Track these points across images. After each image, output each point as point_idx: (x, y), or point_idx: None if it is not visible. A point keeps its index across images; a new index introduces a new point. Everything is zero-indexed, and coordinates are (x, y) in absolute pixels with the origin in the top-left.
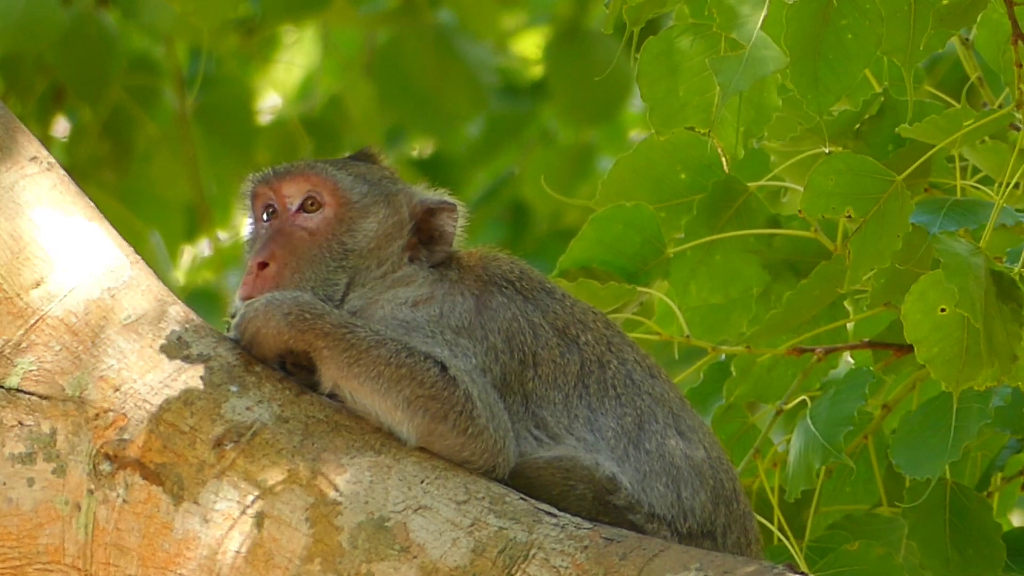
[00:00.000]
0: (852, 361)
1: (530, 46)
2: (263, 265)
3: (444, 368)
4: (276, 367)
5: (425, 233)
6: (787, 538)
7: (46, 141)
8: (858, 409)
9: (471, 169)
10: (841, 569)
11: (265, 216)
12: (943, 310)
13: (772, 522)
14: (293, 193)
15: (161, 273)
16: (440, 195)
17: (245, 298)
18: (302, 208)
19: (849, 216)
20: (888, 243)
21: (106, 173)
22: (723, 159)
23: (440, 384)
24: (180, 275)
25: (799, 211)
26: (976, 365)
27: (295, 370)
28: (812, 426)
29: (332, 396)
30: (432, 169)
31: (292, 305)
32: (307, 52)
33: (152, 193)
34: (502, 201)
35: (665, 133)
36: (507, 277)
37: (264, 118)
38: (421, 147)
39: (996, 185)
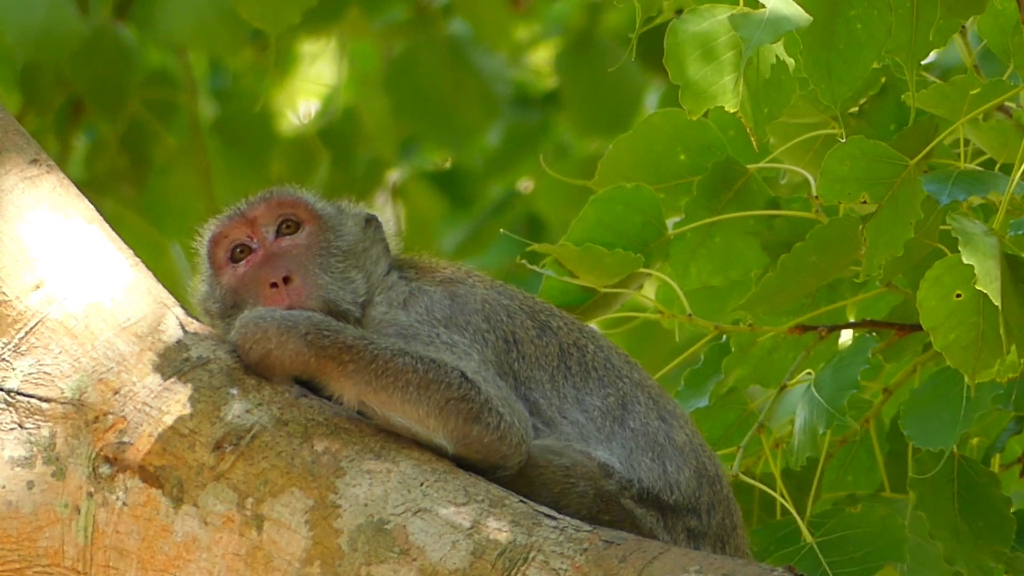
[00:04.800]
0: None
1: (544, 57)
2: (287, 280)
3: (462, 371)
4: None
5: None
6: (789, 504)
7: (65, 155)
8: (858, 394)
9: (486, 181)
10: (845, 532)
11: (233, 259)
12: (959, 295)
13: (775, 502)
14: (268, 221)
15: (182, 286)
16: (363, 208)
17: None
18: (281, 233)
19: (864, 201)
20: (901, 230)
21: (125, 187)
22: (752, 140)
23: (467, 385)
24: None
25: (815, 196)
26: (993, 351)
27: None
28: (816, 394)
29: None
30: (448, 181)
31: (309, 324)
32: (323, 65)
33: (172, 206)
34: (516, 214)
35: (697, 113)
36: (457, 274)
37: (295, 123)
38: (438, 159)
39: (998, 167)
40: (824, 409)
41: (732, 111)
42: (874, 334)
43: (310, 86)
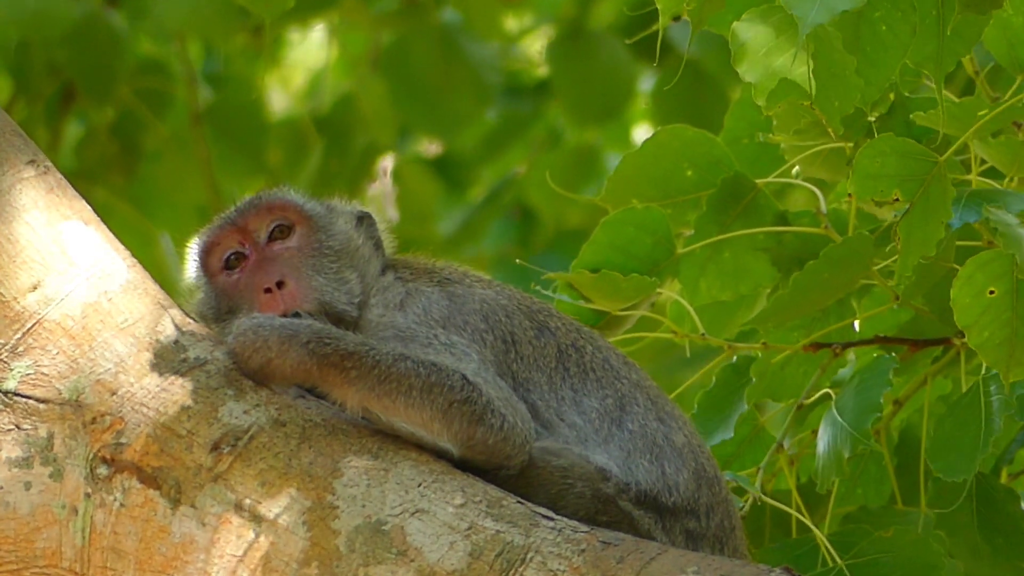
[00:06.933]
0: (855, 358)
1: (535, 47)
2: (280, 284)
3: (463, 374)
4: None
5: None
6: (808, 521)
7: (55, 144)
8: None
9: (478, 168)
10: (876, 555)
11: (227, 265)
12: (992, 292)
13: (790, 520)
14: (259, 226)
15: (171, 276)
16: (355, 205)
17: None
18: (272, 237)
19: (896, 199)
20: (933, 230)
21: (115, 176)
22: (829, 131)
23: (468, 388)
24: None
25: (848, 195)
26: None
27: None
28: (839, 417)
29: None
30: (442, 168)
31: (310, 333)
32: (313, 51)
33: (162, 195)
34: (507, 203)
35: (772, 109)
36: (454, 275)
37: (274, 113)
38: (429, 146)
39: (1006, 180)
40: (848, 433)
41: (806, 103)
42: (893, 354)
43: (300, 71)
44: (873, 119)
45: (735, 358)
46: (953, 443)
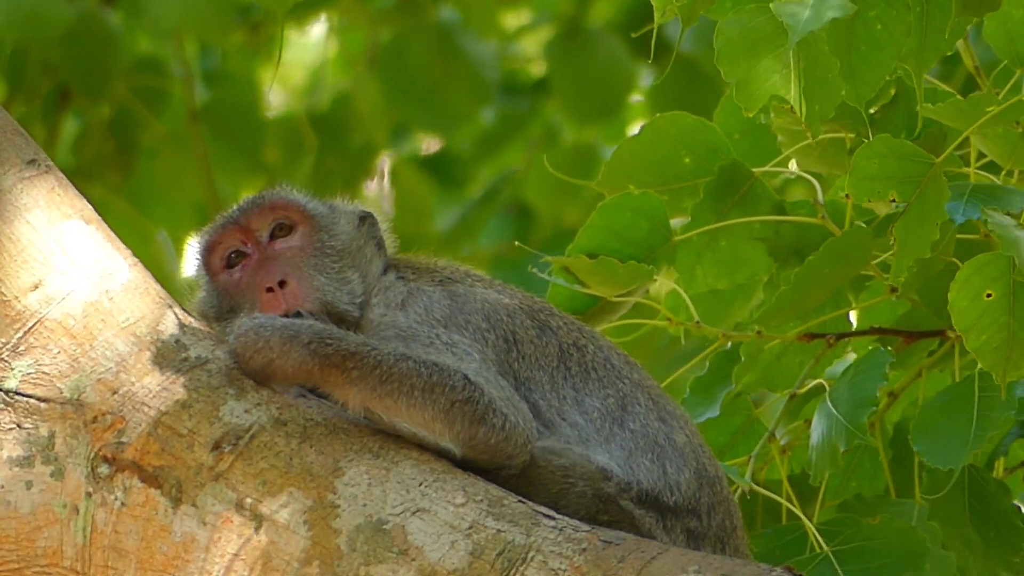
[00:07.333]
0: (854, 353)
1: (533, 45)
2: (283, 284)
3: (465, 373)
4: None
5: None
6: (798, 509)
7: (51, 142)
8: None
9: (475, 166)
10: (862, 543)
11: (229, 264)
12: (989, 295)
13: (780, 508)
14: (261, 225)
15: (168, 273)
16: (358, 205)
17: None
18: (274, 236)
19: (893, 200)
20: (928, 231)
21: (112, 173)
22: (808, 134)
23: (470, 388)
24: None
25: (846, 195)
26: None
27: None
28: (834, 409)
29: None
30: (439, 165)
31: (311, 333)
32: (311, 49)
33: (159, 193)
34: (504, 201)
35: (753, 110)
36: (456, 274)
37: (270, 110)
38: (427, 144)
39: (1003, 173)
40: (843, 426)
41: (786, 105)
42: (890, 348)
43: (298, 69)
44: (875, 110)
45: (729, 345)
46: (940, 430)
